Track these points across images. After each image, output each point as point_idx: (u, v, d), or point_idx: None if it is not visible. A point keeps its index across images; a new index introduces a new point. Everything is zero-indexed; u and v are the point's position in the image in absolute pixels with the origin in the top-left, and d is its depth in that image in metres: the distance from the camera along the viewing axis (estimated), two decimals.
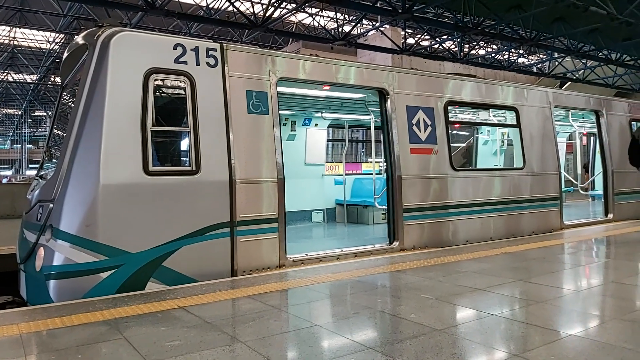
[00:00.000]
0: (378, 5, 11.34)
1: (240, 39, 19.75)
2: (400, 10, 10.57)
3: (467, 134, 11.18)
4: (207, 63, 5.33)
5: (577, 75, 17.90)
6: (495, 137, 10.64)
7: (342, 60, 6.74)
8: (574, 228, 8.62)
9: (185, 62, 5.19)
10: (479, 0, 10.08)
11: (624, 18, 9.75)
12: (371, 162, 7.97)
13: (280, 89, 5.97)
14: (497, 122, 9.39)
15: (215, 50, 5.41)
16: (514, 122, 8.44)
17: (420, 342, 3.07)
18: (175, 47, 5.16)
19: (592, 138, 10.34)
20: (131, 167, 4.79)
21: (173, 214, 4.99)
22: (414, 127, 6.96)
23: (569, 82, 18.33)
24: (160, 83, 5.20)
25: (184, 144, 5.39)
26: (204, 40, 5.53)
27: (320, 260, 5.92)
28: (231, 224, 5.30)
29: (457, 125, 10.21)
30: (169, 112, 5.38)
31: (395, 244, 6.67)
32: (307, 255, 5.93)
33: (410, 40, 17.37)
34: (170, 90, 5.42)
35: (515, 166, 8.45)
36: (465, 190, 7.46)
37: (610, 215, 9.61)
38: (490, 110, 8.70)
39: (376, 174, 8.04)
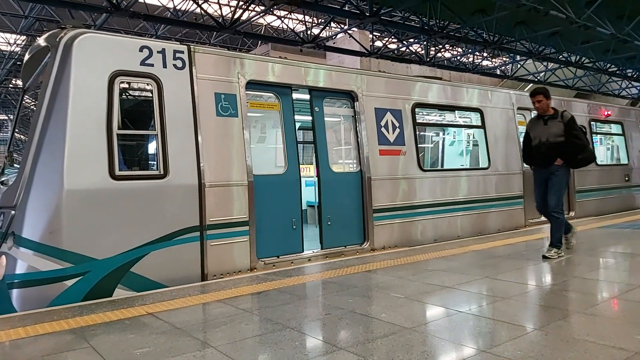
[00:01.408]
0: (346, 8, 11.44)
1: (209, 41, 19.56)
2: (368, 14, 10.69)
3: (434, 135, 11.37)
4: (175, 65, 5.27)
5: (538, 77, 18.45)
6: (461, 138, 10.89)
7: (311, 63, 6.77)
8: (538, 225, 8.87)
9: (152, 65, 5.12)
10: (444, 4, 10.27)
11: (582, 22, 10.11)
12: (340, 163, 8.01)
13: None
14: (462, 123, 9.58)
15: (182, 52, 5.35)
16: (479, 124, 8.61)
17: (391, 341, 3.11)
18: (141, 50, 5.08)
19: None
20: (96, 172, 4.69)
21: (141, 218, 4.91)
22: (383, 129, 7.04)
23: (531, 84, 18.87)
24: (126, 86, 5.11)
25: (152, 148, 5.31)
26: (171, 43, 5.46)
27: (292, 263, 5.91)
28: (201, 228, 5.25)
29: (424, 127, 10.36)
30: (136, 115, 5.29)
31: (366, 244, 6.73)
32: (278, 257, 5.91)
33: (378, 43, 17.56)
34: (136, 93, 5.33)
35: (480, 166, 8.64)
36: (433, 190, 7.58)
37: (573, 213, 9.88)
38: (456, 111, 8.85)
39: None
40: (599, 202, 10.59)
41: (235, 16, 11.43)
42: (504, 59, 20.70)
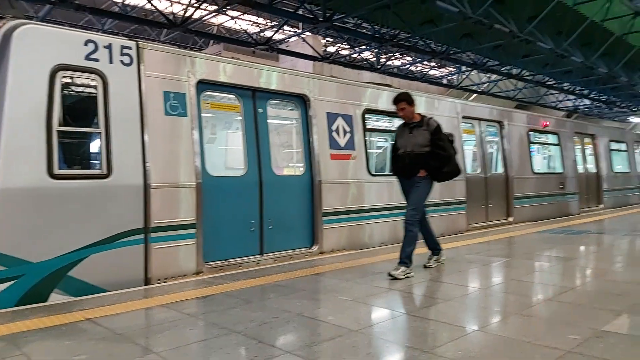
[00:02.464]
0: (300, 12, 11.48)
1: (158, 38, 19.03)
2: (321, 19, 10.77)
3: (383, 141, 11.58)
4: (122, 61, 5.10)
5: (482, 88, 19.22)
6: None
7: (264, 65, 6.74)
8: (479, 230, 9.21)
9: (97, 60, 4.93)
10: (395, 13, 10.51)
11: (524, 36, 10.62)
12: (288, 165, 8.01)
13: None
14: None
15: (130, 48, 5.18)
16: None
17: (338, 344, 3.14)
18: (86, 44, 4.88)
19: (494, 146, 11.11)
20: (34, 170, 4.46)
21: (80, 220, 4.70)
22: (334, 134, 7.08)
23: (475, 94, 19.63)
24: (69, 81, 4.89)
25: (95, 146, 5.10)
26: (118, 38, 5.28)
27: (240, 266, 5.84)
28: (145, 230, 5.09)
29: (374, 133, 10.55)
30: (79, 111, 5.07)
31: (315, 247, 6.73)
32: (225, 261, 5.82)
33: (331, 49, 17.73)
34: (80, 89, 5.11)
35: None
36: (381, 194, 7.67)
37: (511, 218, 10.32)
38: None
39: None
40: (535, 208, 11.06)
41: (187, 14, 11.20)
42: (450, 69, 21.42)
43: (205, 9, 13.92)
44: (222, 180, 6.05)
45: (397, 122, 9.63)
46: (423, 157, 5.20)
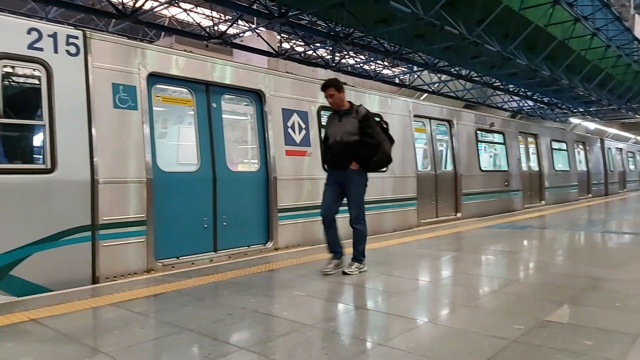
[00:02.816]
0: (255, 7, 11.36)
1: (106, 29, 18.33)
2: (276, 14, 10.71)
3: None
4: (67, 51, 4.88)
5: (432, 88, 19.71)
6: None
7: (218, 59, 6.64)
8: (429, 225, 9.48)
9: (41, 49, 4.69)
10: (349, 12, 10.60)
11: (472, 39, 10.98)
12: (243, 162, 7.93)
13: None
14: None
15: (77, 37, 4.96)
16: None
17: (292, 339, 3.15)
18: (29, 32, 4.63)
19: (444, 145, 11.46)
20: None
21: (22, 217, 4.48)
22: (289, 130, 7.07)
23: (426, 94, 20.11)
24: (10, 70, 4.64)
25: (38, 139, 4.87)
26: (64, 27, 5.05)
27: (193, 264, 5.74)
28: (92, 228, 4.91)
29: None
30: (21, 103, 4.82)
31: (270, 243, 6.72)
32: (178, 259, 5.71)
33: (286, 45, 17.65)
34: (22, 79, 4.86)
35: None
36: None
37: (459, 214, 10.68)
38: None
39: None
40: (482, 204, 11.47)
41: (137, 4, 10.85)
42: (403, 68, 21.84)
43: (156, 0, 13.55)
44: (173, 176, 5.91)
45: None
46: (352, 146, 4.92)
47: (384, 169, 5.36)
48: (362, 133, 4.92)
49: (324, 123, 8.20)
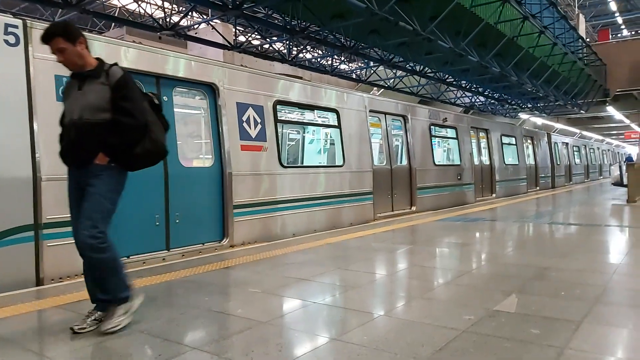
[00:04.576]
0: None
1: (52, 18, 17.53)
2: (230, 6, 10.51)
3: (294, 132, 11.69)
4: (6, 41, 4.62)
5: (388, 84, 19.95)
6: (319, 137, 11.29)
7: (170, 51, 6.46)
8: (385, 219, 9.61)
9: None
10: (305, 6, 10.54)
11: (425, 35, 11.15)
12: (196, 157, 7.79)
13: None
14: (321, 122, 9.95)
15: (16, 27, 4.70)
16: (336, 123, 9.03)
17: (247, 336, 3.11)
18: None
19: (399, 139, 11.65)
20: None
21: None
22: (245, 124, 6.99)
23: (382, 89, 20.33)
24: None
25: None
26: (2, 15, 4.76)
27: (144, 263, 5.57)
28: (35, 227, 4.68)
29: (285, 124, 10.61)
30: None
31: (225, 241, 6.65)
32: (128, 258, 5.52)
33: (242, 38, 17.39)
34: None
35: (336, 164, 9.05)
36: (293, 186, 7.75)
37: (414, 207, 10.86)
38: (315, 111, 9.16)
39: None
40: (436, 198, 11.71)
41: None
42: (359, 64, 21.99)
43: None
44: None
45: (309, 115, 9.79)
46: (99, 129, 3.09)
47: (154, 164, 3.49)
48: (115, 109, 3.12)
49: (280, 117, 8.17)
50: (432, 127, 12.02)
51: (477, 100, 25.06)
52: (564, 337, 2.99)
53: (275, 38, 15.89)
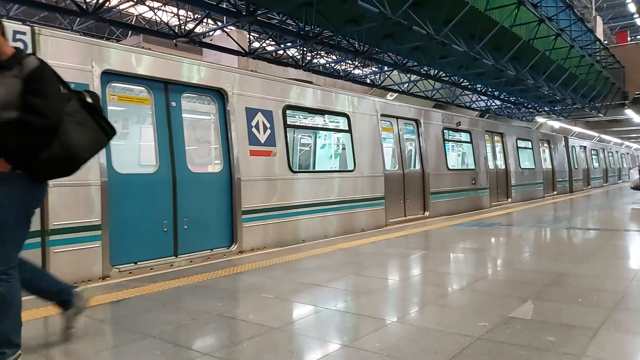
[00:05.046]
0: (224, 5, 11.21)
1: (70, 27, 17.85)
2: (244, 13, 10.59)
3: (305, 137, 11.63)
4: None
5: (402, 88, 19.87)
6: (330, 142, 11.27)
7: (178, 56, 6.50)
8: (397, 224, 9.52)
9: None
10: (318, 11, 10.56)
11: (440, 39, 11.09)
12: (205, 163, 7.73)
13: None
14: (331, 127, 9.93)
15: (24, 34, 4.71)
16: (346, 128, 8.95)
17: (258, 343, 3.09)
18: None
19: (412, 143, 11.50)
20: None
21: None
22: (254, 129, 6.96)
23: (396, 94, 20.26)
24: None
25: None
26: (10, 22, 4.81)
27: (151, 269, 5.56)
28: (42, 233, 4.76)
29: (295, 129, 10.56)
30: None
31: (234, 246, 6.61)
32: (136, 264, 5.52)
33: (257, 44, 17.51)
34: None
35: (347, 169, 8.97)
36: (303, 191, 7.70)
37: (427, 213, 10.69)
38: (326, 115, 9.11)
39: None
40: (450, 203, 11.58)
41: (101, 1, 10.56)
42: (373, 68, 21.95)
43: None
44: (130, 177, 5.72)
45: (319, 120, 9.69)
46: (1, 130, 2.58)
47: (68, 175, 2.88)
48: (24, 105, 2.60)
49: (290, 122, 8.16)
50: (445, 131, 11.89)
51: (493, 104, 24.81)
52: (580, 344, 2.91)
53: (289, 44, 15.97)
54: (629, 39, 29.77)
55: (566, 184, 20.50)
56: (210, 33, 16.93)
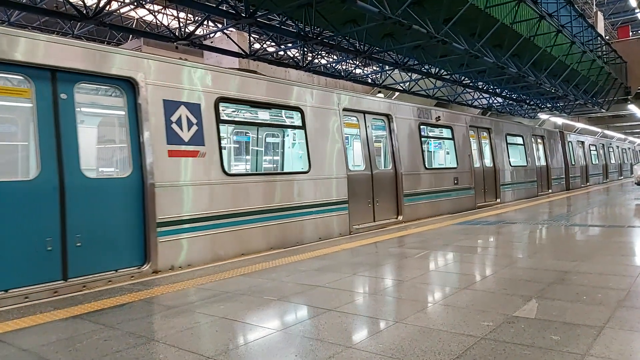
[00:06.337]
0: (224, 8, 11.22)
1: (72, 31, 17.91)
2: (244, 15, 10.60)
3: (246, 135, 10.22)
4: None
5: (404, 87, 19.85)
6: (279, 140, 10.03)
7: (75, 41, 5.36)
8: (364, 231, 8.65)
9: None
10: (318, 12, 10.56)
11: (440, 37, 11.07)
12: (105, 166, 6.69)
13: None
14: (279, 123, 8.84)
15: None
16: (299, 124, 7.94)
17: None
18: None
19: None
20: None
21: None
22: (174, 126, 5.97)
23: (398, 93, 20.23)
24: None
25: None
26: None
27: (27, 298, 4.59)
28: None
29: (232, 125, 9.27)
30: None
31: (146, 266, 5.58)
32: (6, 292, 4.56)
33: (257, 46, 17.52)
34: None
35: (300, 170, 8.03)
36: (240, 197, 6.72)
37: (401, 217, 9.75)
38: (272, 109, 8.07)
39: None
40: (428, 205, 10.65)
41: (101, 5, 10.58)
42: (374, 68, 21.93)
43: (122, 2, 13.28)
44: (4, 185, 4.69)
45: (264, 114, 8.39)
46: None
47: None
48: None
49: (225, 117, 7.18)
50: (422, 126, 10.91)
51: (495, 101, 24.76)
52: (585, 343, 2.91)
53: (290, 45, 15.97)
54: (630, 33, 29.64)
55: (562, 181, 19.61)
56: (211, 35, 16.97)
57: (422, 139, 10.87)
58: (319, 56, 19.67)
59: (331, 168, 8.27)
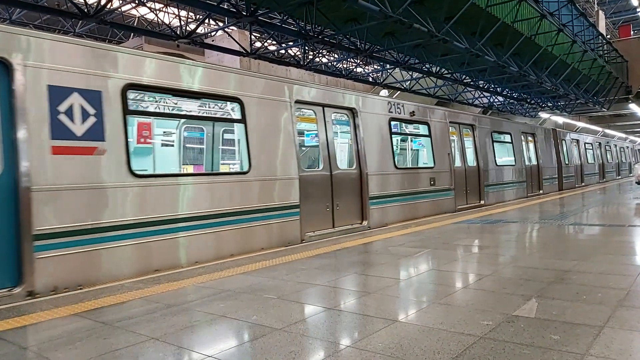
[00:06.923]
0: (225, 6, 11.22)
1: (73, 30, 17.91)
2: (244, 13, 10.59)
3: (168, 128, 9.06)
4: None
5: (405, 86, 19.84)
6: (210, 135, 9.08)
7: None
8: (321, 238, 7.72)
9: None
10: (319, 10, 10.56)
11: (441, 36, 11.06)
12: None
13: None
14: (211, 115, 7.92)
15: None
16: (239, 117, 6.92)
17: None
18: None
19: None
20: None
21: None
22: (63, 116, 4.99)
23: (399, 91, 20.22)
24: None
25: None
26: None
27: None
28: None
29: (147, 117, 7.90)
30: None
31: (20, 288, 4.61)
32: None
33: (259, 44, 17.53)
34: None
35: (237, 170, 7.23)
36: (152, 202, 5.65)
37: (367, 222, 8.84)
38: (203, 99, 7.22)
39: None
40: (398, 208, 9.73)
41: (102, 3, 10.58)
42: (376, 66, 21.93)
43: (123, 0, 13.28)
44: None
45: (191, 105, 7.52)
46: None
47: None
48: None
49: (137, 108, 6.45)
50: (393, 122, 9.90)
51: (496, 100, 24.75)
52: (585, 343, 2.91)
53: (291, 43, 15.97)
54: (632, 32, 29.59)
55: (555, 181, 18.59)
56: (212, 34, 16.96)
57: (393, 136, 9.91)
58: (320, 55, 19.63)
59: (278, 168, 7.27)
